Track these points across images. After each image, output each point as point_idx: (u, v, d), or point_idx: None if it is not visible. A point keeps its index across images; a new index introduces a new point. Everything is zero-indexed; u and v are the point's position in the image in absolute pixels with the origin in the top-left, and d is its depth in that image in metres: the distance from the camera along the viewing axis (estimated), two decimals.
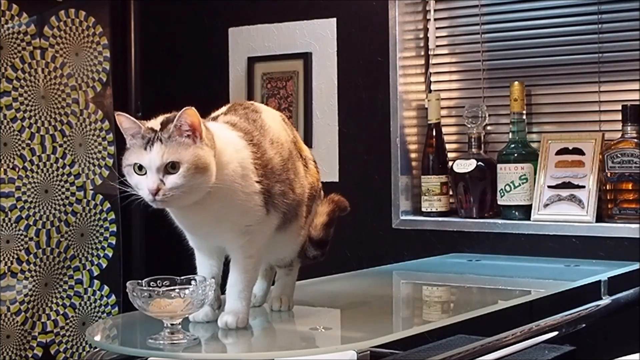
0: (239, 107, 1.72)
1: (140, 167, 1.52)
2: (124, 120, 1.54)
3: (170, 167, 1.50)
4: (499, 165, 2.73)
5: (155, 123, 1.55)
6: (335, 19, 3.02)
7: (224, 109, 1.74)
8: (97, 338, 1.65)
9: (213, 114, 1.72)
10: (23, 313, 2.83)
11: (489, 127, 2.87)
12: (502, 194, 2.71)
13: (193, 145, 1.52)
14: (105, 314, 3.04)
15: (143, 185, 1.51)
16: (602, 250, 2.56)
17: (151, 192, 1.50)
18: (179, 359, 1.51)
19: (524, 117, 2.73)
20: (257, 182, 1.60)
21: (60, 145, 2.93)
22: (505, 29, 2.84)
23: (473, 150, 2.79)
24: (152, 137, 1.51)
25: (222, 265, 1.68)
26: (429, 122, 2.87)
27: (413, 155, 2.95)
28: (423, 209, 2.87)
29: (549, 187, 2.66)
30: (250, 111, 1.70)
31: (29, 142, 2.85)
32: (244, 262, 1.63)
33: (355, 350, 1.80)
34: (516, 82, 2.72)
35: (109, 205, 3.06)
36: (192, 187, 1.51)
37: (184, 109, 1.52)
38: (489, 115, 2.81)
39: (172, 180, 1.50)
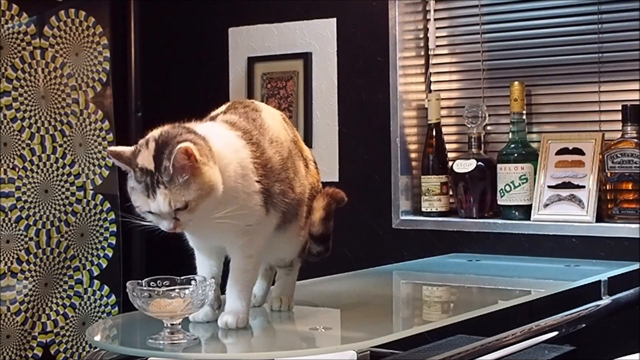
0: (239, 105, 1.72)
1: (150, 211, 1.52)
2: (113, 159, 1.54)
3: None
4: (499, 165, 2.73)
5: (147, 158, 1.50)
6: (335, 19, 3.02)
7: (223, 107, 1.73)
8: (97, 338, 1.65)
9: (212, 113, 1.72)
10: (23, 313, 2.83)
11: (489, 127, 2.86)
12: (502, 194, 2.71)
13: (194, 178, 1.48)
14: (105, 314, 3.04)
15: (159, 222, 1.52)
16: (602, 250, 2.56)
17: (169, 231, 1.52)
18: (179, 359, 1.51)
19: (524, 117, 2.73)
20: (257, 181, 1.60)
21: (60, 145, 2.93)
22: (505, 29, 2.84)
23: (473, 150, 2.79)
24: (149, 183, 1.49)
25: (222, 265, 1.68)
26: (429, 122, 2.87)
27: (413, 155, 2.95)
28: (423, 209, 2.86)
29: (549, 187, 2.66)
30: (250, 110, 1.70)
31: (29, 142, 2.85)
32: (244, 262, 1.62)
33: (355, 350, 1.80)
34: (516, 82, 2.72)
35: (109, 205, 3.06)
36: (206, 207, 1.51)
37: (177, 148, 1.46)
38: (489, 115, 2.81)
39: (186, 216, 1.50)
